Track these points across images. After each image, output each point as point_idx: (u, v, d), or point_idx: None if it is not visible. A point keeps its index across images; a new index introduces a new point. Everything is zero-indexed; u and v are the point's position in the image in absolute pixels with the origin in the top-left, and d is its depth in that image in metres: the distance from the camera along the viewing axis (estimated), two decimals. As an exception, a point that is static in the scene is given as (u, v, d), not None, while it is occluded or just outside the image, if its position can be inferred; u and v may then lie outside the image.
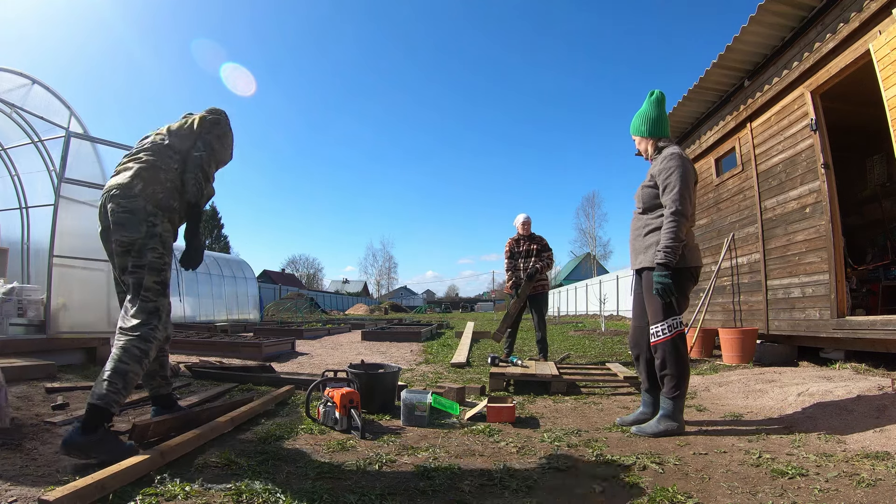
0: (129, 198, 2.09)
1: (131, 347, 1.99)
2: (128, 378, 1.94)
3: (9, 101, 4.77)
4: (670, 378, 2.39)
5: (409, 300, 67.75)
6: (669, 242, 2.35)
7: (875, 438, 2.14)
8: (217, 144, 2.35)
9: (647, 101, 2.68)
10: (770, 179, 4.98)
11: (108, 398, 1.86)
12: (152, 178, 2.14)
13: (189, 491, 1.55)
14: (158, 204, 2.14)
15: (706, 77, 5.50)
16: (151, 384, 2.37)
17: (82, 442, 1.77)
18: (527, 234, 5.40)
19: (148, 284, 2.09)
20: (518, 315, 5.21)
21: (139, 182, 2.11)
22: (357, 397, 2.44)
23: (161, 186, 2.16)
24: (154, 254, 2.11)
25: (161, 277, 2.14)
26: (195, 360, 4.92)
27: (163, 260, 2.15)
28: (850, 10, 3.80)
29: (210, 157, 2.30)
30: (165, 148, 2.25)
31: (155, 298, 2.10)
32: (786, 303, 4.72)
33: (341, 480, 1.70)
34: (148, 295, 2.09)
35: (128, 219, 2.08)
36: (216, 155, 2.35)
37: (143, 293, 2.08)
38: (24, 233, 5.89)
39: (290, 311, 21.88)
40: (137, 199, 2.09)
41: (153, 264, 2.11)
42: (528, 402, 3.18)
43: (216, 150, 2.35)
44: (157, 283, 2.11)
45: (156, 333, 2.07)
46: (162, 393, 2.40)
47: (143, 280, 2.09)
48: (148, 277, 2.09)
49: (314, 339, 8.89)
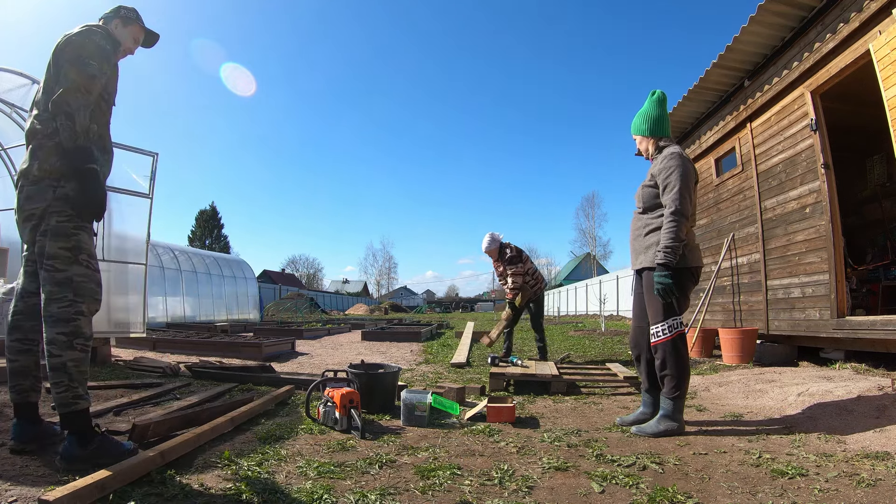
0: (34, 183, 1.88)
1: (54, 336, 1.77)
2: (67, 369, 1.75)
3: (9, 101, 4.77)
4: (670, 378, 2.39)
5: (409, 300, 67.76)
6: (670, 242, 2.35)
7: (875, 438, 2.14)
8: (73, 71, 1.89)
9: (649, 100, 2.68)
10: (770, 179, 4.98)
11: (64, 400, 1.73)
12: (45, 151, 1.88)
13: (189, 491, 1.55)
14: (62, 173, 1.88)
15: (706, 77, 5.50)
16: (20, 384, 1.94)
17: (81, 454, 1.71)
18: (494, 258, 5.32)
19: (52, 251, 1.82)
20: (515, 319, 5.27)
21: (35, 161, 1.88)
22: (357, 397, 2.44)
23: (55, 156, 1.88)
24: (60, 217, 1.85)
25: (71, 243, 1.85)
26: (195, 360, 4.92)
27: (71, 222, 1.86)
28: (850, 10, 3.80)
29: (66, 91, 1.85)
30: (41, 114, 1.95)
31: (64, 267, 1.82)
32: (786, 303, 4.72)
33: (341, 480, 1.70)
34: (53, 263, 1.82)
35: (34, 191, 1.87)
36: (73, 83, 1.87)
37: (47, 262, 1.82)
38: (24, 233, 5.89)
39: (290, 311, 21.88)
40: (41, 182, 1.87)
41: (58, 229, 1.84)
42: (528, 402, 3.18)
43: (72, 79, 1.88)
44: (63, 250, 1.84)
45: (75, 308, 1.80)
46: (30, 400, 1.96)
47: (44, 247, 1.83)
48: (52, 244, 1.83)
49: (314, 339, 8.90)
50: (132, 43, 2.29)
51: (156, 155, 4.89)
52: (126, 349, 5.83)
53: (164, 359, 5.07)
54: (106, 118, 2.09)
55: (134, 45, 2.31)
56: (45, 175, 1.86)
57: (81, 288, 1.85)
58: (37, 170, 1.87)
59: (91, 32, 2.02)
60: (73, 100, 1.84)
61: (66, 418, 1.74)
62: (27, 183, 1.89)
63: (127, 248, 4.95)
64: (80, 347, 1.80)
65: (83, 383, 1.80)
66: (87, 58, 1.94)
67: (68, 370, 1.75)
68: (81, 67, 1.91)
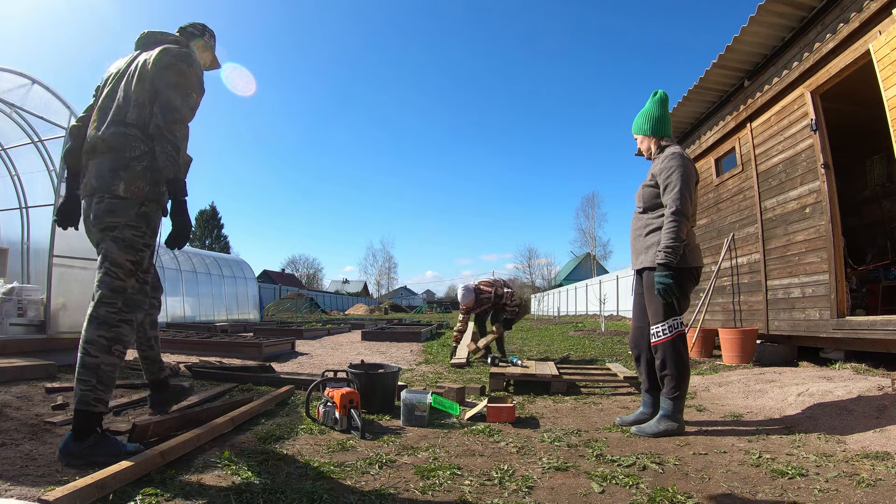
0: (117, 198, 1.94)
1: (95, 338, 1.82)
2: (100, 372, 1.79)
3: (9, 101, 4.77)
4: (670, 378, 2.39)
5: (408, 300, 67.79)
6: (670, 242, 2.35)
7: (875, 438, 2.14)
8: (176, 99, 1.96)
9: (651, 100, 2.68)
10: (770, 179, 4.98)
11: (85, 398, 1.77)
12: (133, 174, 1.94)
13: (189, 491, 1.55)
14: (147, 197, 1.97)
15: (706, 77, 5.50)
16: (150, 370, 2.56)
17: (77, 450, 1.74)
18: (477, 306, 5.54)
19: (119, 261, 1.91)
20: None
21: (120, 182, 1.93)
22: (357, 397, 2.44)
23: (143, 180, 1.96)
24: (135, 231, 1.95)
25: (136, 257, 1.95)
26: (195, 360, 4.92)
27: (143, 240, 1.97)
28: (850, 11, 3.80)
29: (173, 121, 1.93)
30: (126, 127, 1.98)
31: (124, 278, 1.92)
32: (786, 303, 4.72)
33: (341, 480, 1.70)
34: (116, 272, 1.90)
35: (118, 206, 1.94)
36: (179, 113, 1.95)
37: (111, 268, 1.90)
38: (24, 233, 5.89)
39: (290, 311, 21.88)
40: (127, 201, 1.94)
41: (131, 242, 1.94)
42: (528, 402, 3.18)
43: (178, 108, 1.96)
44: (129, 262, 1.94)
45: (121, 316, 1.87)
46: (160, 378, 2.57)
47: (112, 253, 1.91)
48: (120, 253, 1.92)
49: (314, 339, 8.89)
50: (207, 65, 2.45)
51: (156, 155, 4.88)
52: (126, 349, 5.82)
53: (164, 359, 5.07)
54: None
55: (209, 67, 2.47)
56: (132, 196, 1.95)
57: (131, 299, 1.95)
58: (123, 191, 1.94)
59: (193, 61, 2.11)
60: (179, 131, 1.95)
61: (80, 414, 1.78)
62: (111, 197, 1.94)
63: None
64: (116, 353, 1.86)
65: (109, 390, 1.85)
66: (192, 90, 2.04)
67: (100, 372, 1.81)
68: (186, 99, 2.00)
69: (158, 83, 1.98)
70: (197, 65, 2.12)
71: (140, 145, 1.97)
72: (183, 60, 2.05)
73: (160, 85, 1.98)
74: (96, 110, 2.07)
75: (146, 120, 1.99)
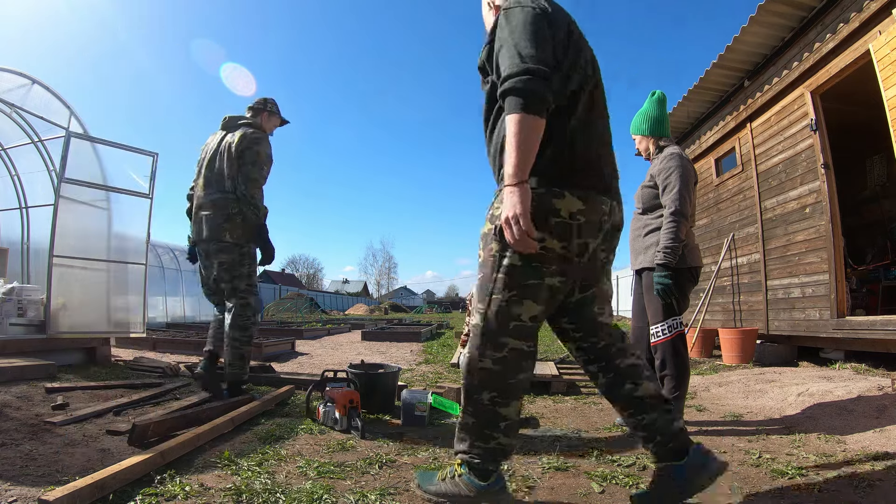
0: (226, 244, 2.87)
1: (238, 335, 2.86)
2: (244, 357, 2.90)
3: (9, 101, 4.76)
4: (670, 378, 2.39)
5: (408, 300, 67.72)
6: (669, 243, 2.35)
7: (875, 438, 2.14)
8: (254, 173, 2.87)
9: (649, 100, 2.68)
10: (770, 179, 4.98)
11: (237, 376, 2.87)
12: (234, 225, 2.87)
13: (189, 491, 1.55)
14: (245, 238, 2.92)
15: (706, 77, 5.51)
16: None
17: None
18: None
19: (242, 287, 2.91)
20: None
21: (226, 231, 2.86)
22: (357, 397, 2.44)
23: (241, 229, 2.89)
24: (247, 268, 2.94)
25: (252, 282, 2.95)
26: (195, 360, 4.91)
27: (248, 268, 2.95)
28: (850, 11, 3.80)
29: (254, 188, 2.85)
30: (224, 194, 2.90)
31: (247, 297, 2.92)
32: (786, 303, 4.72)
33: (341, 480, 1.70)
34: (244, 295, 2.92)
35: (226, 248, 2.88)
36: (258, 182, 2.88)
37: (240, 294, 2.90)
38: (24, 233, 5.89)
39: (290, 311, 21.87)
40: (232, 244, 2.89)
41: (245, 273, 2.93)
42: (528, 402, 3.18)
43: (256, 179, 2.87)
44: (248, 286, 2.93)
45: (252, 320, 2.92)
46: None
47: (236, 287, 2.89)
48: (239, 282, 2.90)
49: (314, 339, 8.89)
50: (271, 129, 3.18)
51: (156, 155, 4.89)
52: (126, 349, 5.82)
53: (164, 359, 5.07)
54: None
55: (273, 129, 3.20)
56: (235, 241, 2.89)
57: (253, 308, 2.95)
58: (229, 237, 2.87)
59: (262, 142, 2.96)
60: (257, 194, 2.89)
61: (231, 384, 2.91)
62: (220, 243, 2.88)
63: (127, 248, 4.95)
64: (251, 344, 2.95)
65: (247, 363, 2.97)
66: (263, 164, 2.93)
67: (244, 357, 2.90)
68: (261, 171, 2.92)
69: (240, 161, 2.88)
70: (265, 144, 2.97)
71: (235, 205, 2.88)
72: (256, 143, 2.91)
73: (242, 163, 2.88)
74: (202, 179, 2.99)
75: (236, 187, 2.88)
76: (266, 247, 3.02)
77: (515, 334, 1.38)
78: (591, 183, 1.39)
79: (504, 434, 1.42)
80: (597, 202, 1.38)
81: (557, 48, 1.38)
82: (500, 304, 1.38)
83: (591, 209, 1.37)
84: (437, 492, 1.47)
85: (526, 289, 1.36)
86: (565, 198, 1.34)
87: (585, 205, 1.35)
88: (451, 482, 1.46)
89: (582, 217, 1.35)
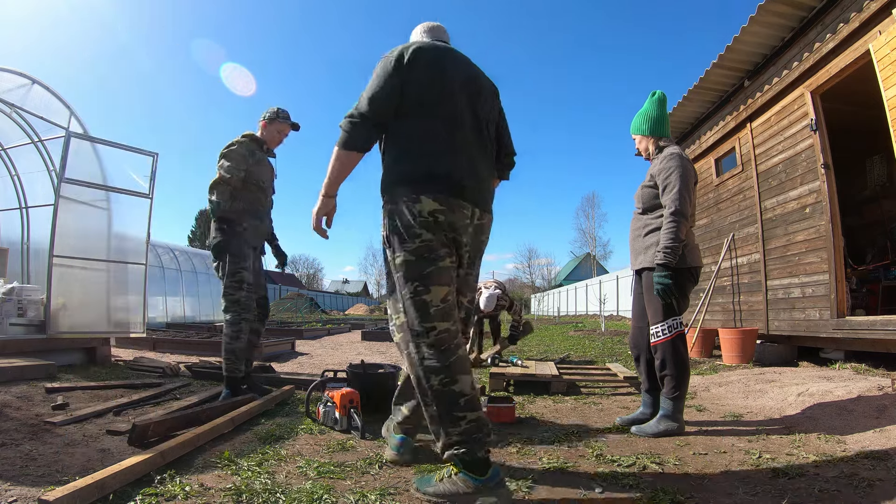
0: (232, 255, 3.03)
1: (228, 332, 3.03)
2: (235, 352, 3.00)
3: (9, 101, 4.76)
4: (670, 378, 2.39)
5: (409, 300, 67.40)
6: (669, 243, 2.35)
7: (875, 438, 2.14)
8: (217, 171, 2.95)
9: (649, 100, 2.68)
10: (770, 179, 4.98)
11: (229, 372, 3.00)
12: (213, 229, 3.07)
13: (189, 491, 1.55)
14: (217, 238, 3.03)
15: (706, 77, 5.50)
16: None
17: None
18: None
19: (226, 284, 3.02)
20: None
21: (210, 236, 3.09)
22: (357, 397, 2.44)
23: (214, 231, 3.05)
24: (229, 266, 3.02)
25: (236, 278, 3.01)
26: (195, 360, 4.92)
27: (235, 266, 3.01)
28: (850, 11, 3.80)
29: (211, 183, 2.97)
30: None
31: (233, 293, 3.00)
32: (786, 303, 4.72)
33: (341, 480, 1.70)
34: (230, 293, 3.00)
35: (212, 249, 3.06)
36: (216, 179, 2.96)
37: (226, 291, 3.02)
38: (24, 233, 5.90)
39: (290, 311, 21.87)
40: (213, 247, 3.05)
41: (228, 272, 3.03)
42: (528, 402, 3.18)
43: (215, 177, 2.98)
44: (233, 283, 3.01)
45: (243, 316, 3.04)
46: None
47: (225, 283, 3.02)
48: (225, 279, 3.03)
49: (314, 339, 8.89)
50: (276, 134, 3.23)
51: (156, 155, 4.89)
52: (126, 349, 5.82)
53: (164, 359, 5.07)
54: (254, 195, 3.12)
55: (279, 135, 3.24)
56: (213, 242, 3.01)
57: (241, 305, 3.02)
58: (209, 240, 3.04)
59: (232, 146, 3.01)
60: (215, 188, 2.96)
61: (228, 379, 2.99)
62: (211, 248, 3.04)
63: (127, 248, 4.96)
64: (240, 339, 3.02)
65: (240, 361, 3.00)
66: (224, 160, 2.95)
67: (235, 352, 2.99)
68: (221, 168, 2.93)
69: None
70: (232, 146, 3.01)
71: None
72: (225, 148, 3.01)
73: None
74: None
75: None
76: (278, 252, 3.51)
77: (438, 318, 1.58)
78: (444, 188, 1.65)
79: (469, 409, 1.54)
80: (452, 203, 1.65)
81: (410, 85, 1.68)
82: (413, 297, 1.60)
83: (449, 209, 1.64)
84: (435, 492, 1.52)
85: (427, 277, 1.60)
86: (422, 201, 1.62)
87: (442, 205, 1.63)
88: (448, 482, 1.52)
89: (442, 216, 1.62)
